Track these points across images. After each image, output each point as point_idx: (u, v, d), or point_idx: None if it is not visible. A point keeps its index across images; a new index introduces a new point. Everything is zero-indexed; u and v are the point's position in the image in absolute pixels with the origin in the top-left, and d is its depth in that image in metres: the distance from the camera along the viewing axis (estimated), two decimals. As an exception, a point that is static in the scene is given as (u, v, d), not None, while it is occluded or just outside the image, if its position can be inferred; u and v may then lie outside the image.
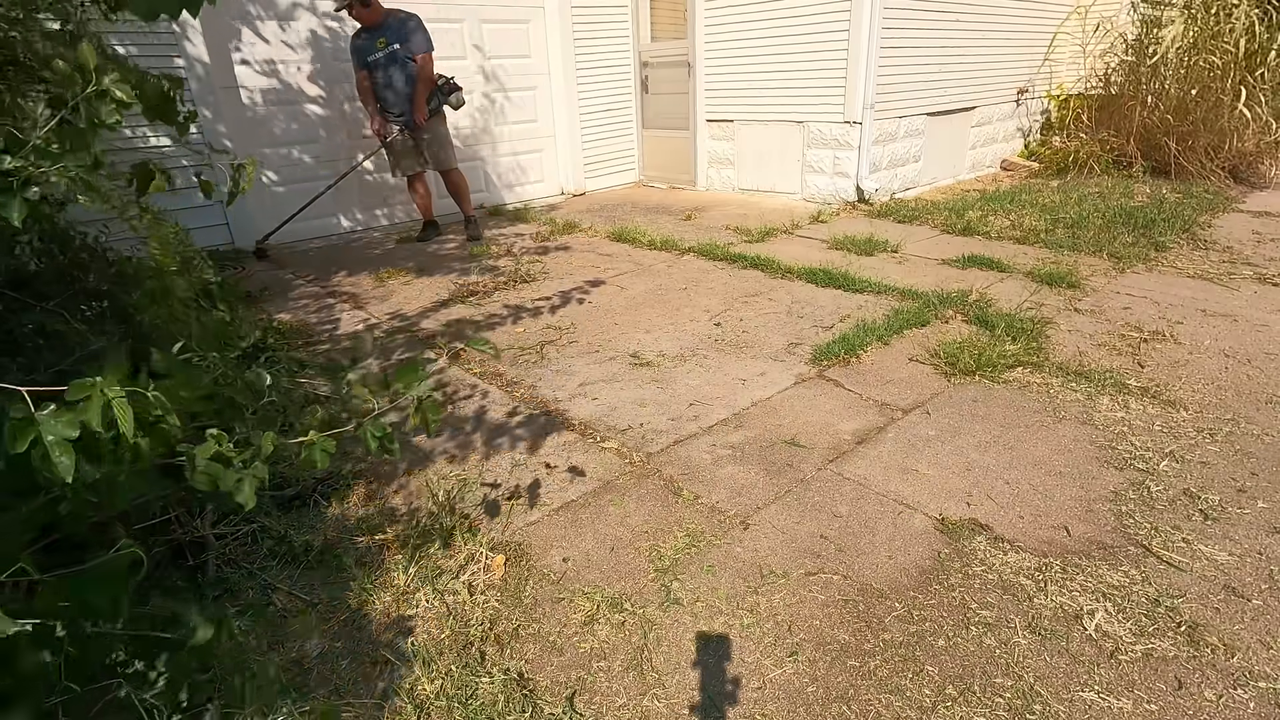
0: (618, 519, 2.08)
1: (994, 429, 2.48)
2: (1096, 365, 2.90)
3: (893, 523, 2.02)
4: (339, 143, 5.53)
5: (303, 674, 1.57)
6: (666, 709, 1.47)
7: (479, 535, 2.01)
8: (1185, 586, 1.75)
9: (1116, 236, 4.69)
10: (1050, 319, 3.39)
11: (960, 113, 6.71)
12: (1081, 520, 2.00)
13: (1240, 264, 4.16)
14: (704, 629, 1.67)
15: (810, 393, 2.80)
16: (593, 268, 4.58)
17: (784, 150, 6.32)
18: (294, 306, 4.06)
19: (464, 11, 5.86)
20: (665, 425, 2.59)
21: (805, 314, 3.62)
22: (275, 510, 2.10)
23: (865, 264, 4.37)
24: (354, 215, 5.82)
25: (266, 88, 5.10)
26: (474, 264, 4.76)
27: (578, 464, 2.38)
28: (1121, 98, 6.77)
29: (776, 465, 2.32)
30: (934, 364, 2.97)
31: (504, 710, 1.46)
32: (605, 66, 6.81)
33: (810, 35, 5.74)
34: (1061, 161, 6.92)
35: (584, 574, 1.86)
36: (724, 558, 1.90)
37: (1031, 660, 1.55)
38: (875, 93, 5.61)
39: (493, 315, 3.79)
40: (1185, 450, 2.31)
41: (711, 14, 6.36)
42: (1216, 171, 6.31)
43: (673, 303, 3.87)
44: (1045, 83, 7.53)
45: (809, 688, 1.51)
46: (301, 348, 3.40)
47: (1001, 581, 1.78)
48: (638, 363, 3.13)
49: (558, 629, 1.69)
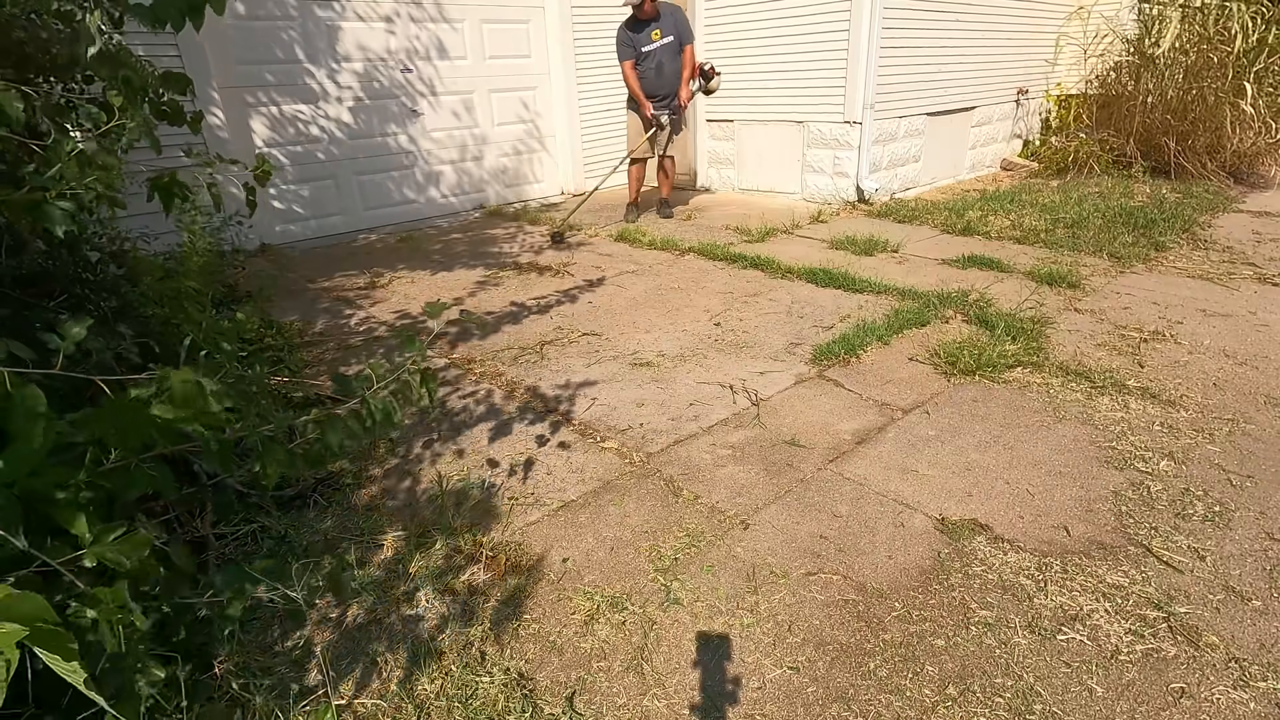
0: (618, 519, 2.08)
1: (994, 429, 2.48)
2: (1096, 365, 2.90)
3: (893, 523, 2.02)
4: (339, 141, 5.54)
5: (302, 674, 1.57)
6: (666, 709, 1.47)
7: (478, 535, 2.01)
8: (1185, 587, 1.75)
9: (1116, 236, 4.69)
10: (1050, 319, 3.39)
11: (960, 113, 6.71)
12: (1081, 520, 2.00)
13: (1240, 264, 4.16)
14: (704, 629, 1.67)
15: (810, 393, 2.80)
16: (593, 267, 4.58)
17: (784, 150, 6.32)
18: (293, 306, 4.05)
19: (464, 11, 5.86)
20: (665, 425, 2.59)
21: (805, 314, 3.62)
22: (275, 510, 2.10)
23: (865, 264, 4.37)
24: (354, 215, 5.82)
25: (267, 85, 5.10)
26: (480, 261, 4.76)
27: (577, 464, 2.38)
28: (1121, 97, 6.78)
29: (776, 465, 2.32)
30: (934, 364, 2.97)
31: (504, 710, 1.46)
32: (605, 66, 6.81)
33: (810, 35, 5.74)
34: (1061, 161, 6.92)
35: (584, 574, 1.86)
36: (724, 557, 1.90)
37: (1031, 660, 1.55)
38: (875, 93, 5.61)
39: (492, 314, 3.79)
40: (1185, 450, 2.31)
41: (711, 14, 6.36)
42: (1216, 171, 6.31)
43: (673, 303, 3.87)
44: (1045, 83, 7.53)
45: (809, 688, 1.51)
46: (302, 347, 3.39)
47: (1001, 581, 1.78)
48: (638, 362, 3.13)
49: (558, 629, 1.69)
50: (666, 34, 5.14)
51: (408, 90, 5.77)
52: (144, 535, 1.00)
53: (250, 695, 1.48)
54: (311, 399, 2.71)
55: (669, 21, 5.14)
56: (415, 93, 5.82)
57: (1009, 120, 7.42)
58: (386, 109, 5.70)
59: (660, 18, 5.13)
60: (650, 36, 5.14)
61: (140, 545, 0.99)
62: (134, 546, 0.99)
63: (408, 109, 5.81)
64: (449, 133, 6.10)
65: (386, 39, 5.54)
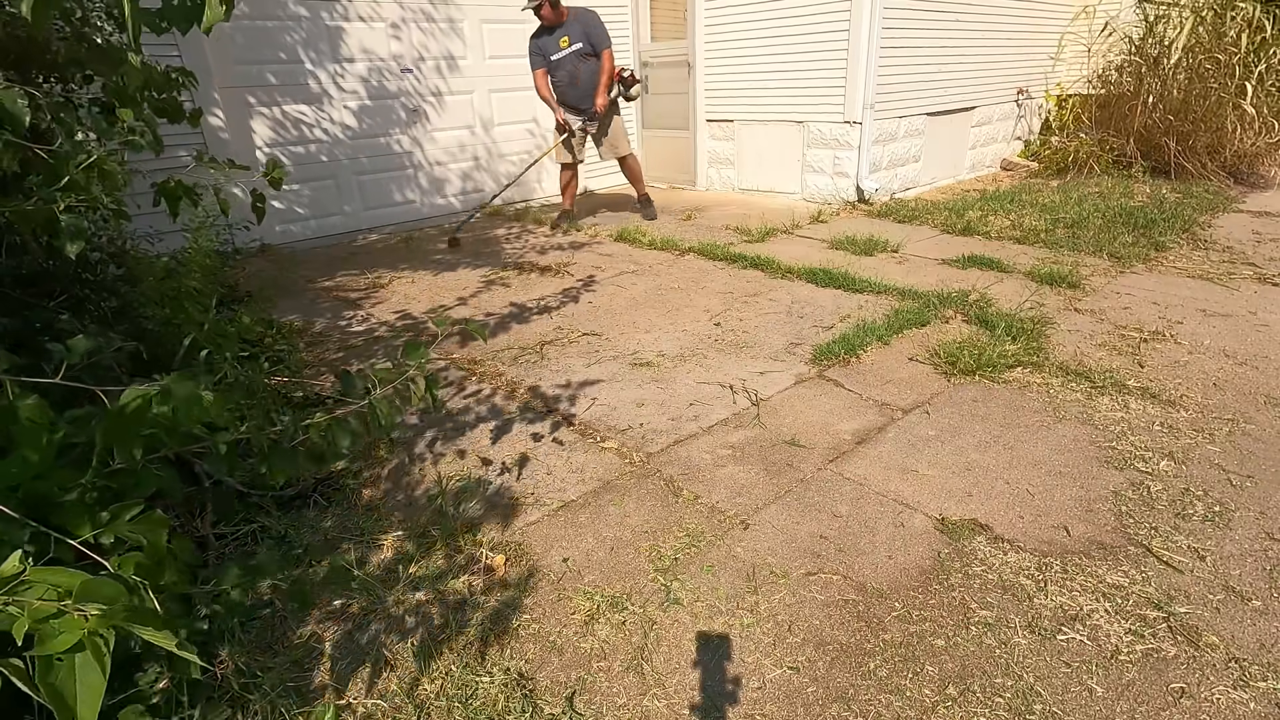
0: (618, 519, 2.09)
1: (994, 429, 2.48)
2: (1096, 365, 2.90)
3: (892, 523, 2.02)
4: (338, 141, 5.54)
5: (302, 674, 1.57)
6: (666, 709, 1.47)
7: (479, 535, 2.01)
8: (1185, 587, 1.75)
9: (1116, 236, 4.69)
10: (1050, 319, 3.39)
11: (960, 113, 6.71)
12: (1081, 520, 2.00)
13: (1240, 264, 4.16)
14: (704, 629, 1.67)
15: (810, 393, 2.80)
16: (593, 267, 4.58)
17: (784, 150, 6.32)
18: (294, 306, 4.06)
19: (464, 12, 5.87)
20: (665, 425, 2.60)
21: (805, 314, 3.62)
22: (275, 510, 2.10)
23: (865, 264, 4.37)
24: (355, 216, 5.82)
25: (268, 85, 5.10)
26: (484, 261, 4.76)
27: (577, 464, 2.38)
28: (1122, 97, 6.77)
29: (776, 465, 2.32)
30: (934, 364, 2.97)
31: (504, 710, 1.47)
32: (605, 66, 6.82)
33: (810, 35, 5.74)
34: (1061, 161, 6.92)
35: (584, 574, 1.86)
36: (724, 557, 1.90)
37: (1031, 660, 1.55)
38: (875, 93, 5.61)
39: (492, 314, 3.79)
40: (1185, 450, 2.31)
41: (711, 14, 6.36)
42: (1216, 171, 6.31)
43: (673, 302, 3.87)
44: (1045, 83, 7.53)
45: (809, 688, 1.51)
46: (303, 346, 3.40)
47: (1001, 581, 1.78)
48: (638, 362, 3.13)
49: (558, 629, 1.69)
50: (575, 40, 5.00)
51: (409, 91, 5.78)
52: (161, 515, 1.00)
53: (250, 695, 1.48)
54: (312, 398, 2.71)
55: (576, 28, 5.00)
56: (416, 93, 5.82)
57: (1009, 120, 7.42)
58: (387, 109, 5.70)
59: (567, 24, 5.00)
60: (559, 44, 5.02)
61: (158, 525, 0.99)
62: (151, 526, 0.99)
63: (409, 109, 5.81)
64: (450, 133, 6.11)
65: (388, 40, 5.54)
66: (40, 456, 0.92)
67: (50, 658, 0.68)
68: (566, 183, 5.69)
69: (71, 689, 0.69)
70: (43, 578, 0.75)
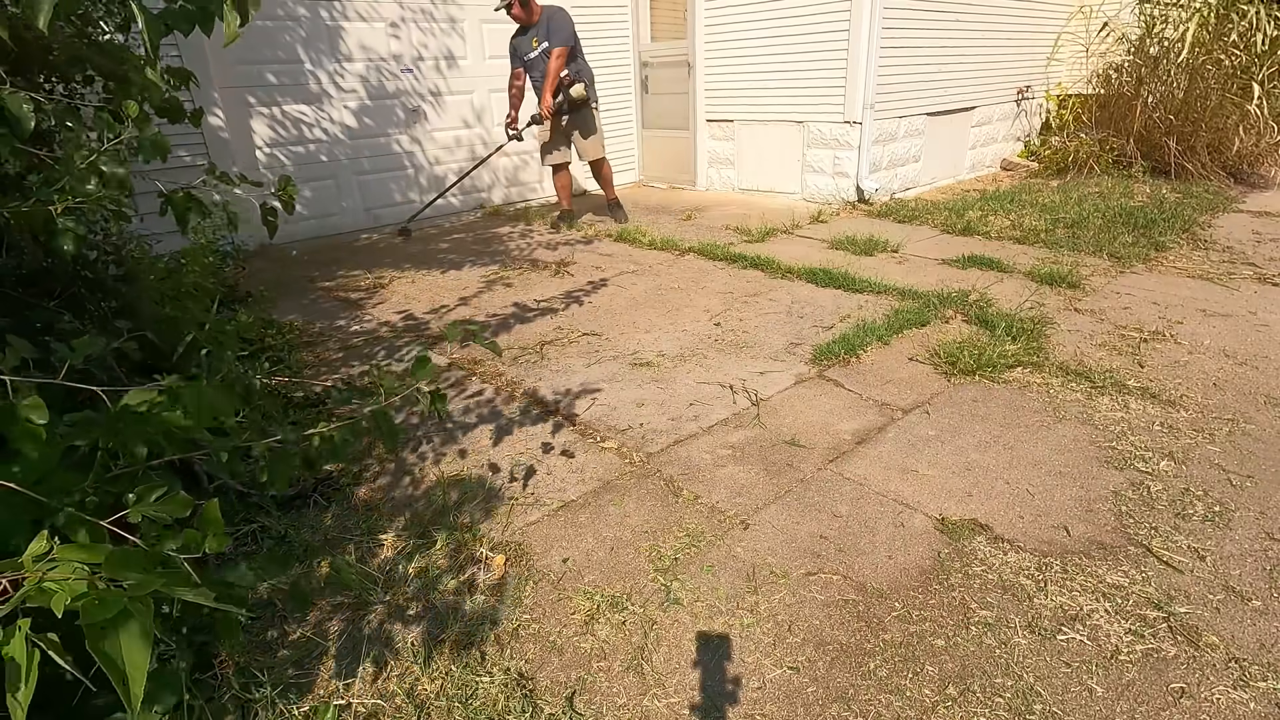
0: (618, 519, 2.09)
1: (994, 429, 2.48)
2: (1096, 365, 2.91)
3: (892, 523, 2.02)
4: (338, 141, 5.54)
5: (303, 673, 1.57)
6: (666, 709, 1.47)
7: (479, 535, 2.01)
8: (1185, 587, 1.75)
9: (1116, 236, 4.69)
10: (1050, 319, 3.39)
11: (960, 113, 6.71)
12: (1081, 520, 2.00)
13: (1240, 264, 4.16)
14: (704, 629, 1.67)
15: (810, 393, 2.80)
16: (593, 267, 4.58)
17: (784, 150, 6.32)
18: (294, 306, 4.06)
19: (464, 12, 5.86)
20: (665, 425, 2.60)
21: (805, 314, 3.62)
22: (275, 510, 2.10)
23: (865, 264, 4.37)
24: (356, 215, 5.82)
25: (268, 85, 5.10)
26: (482, 259, 4.76)
27: (577, 464, 2.38)
28: (1122, 97, 6.77)
29: (776, 465, 2.32)
30: (934, 364, 2.97)
31: (504, 710, 1.47)
32: (605, 66, 6.80)
33: (810, 35, 5.74)
34: (1061, 161, 6.92)
35: (584, 574, 1.87)
36: (724, 557, 1.90)
37: (1031, 660, 1.55)
38: (875, 93, 5.61)
39: (492, 314, 3.80)
40: (1185, 450, 2.31)
41: (711, 14, 6.36)
42: (1217, 171, 6.31)
43: (673, 303, 3.87)
44: (1045, 83, 7.53)
45: (809, 688, 1.51)
46: (303, 346, 3.40)
47: (1001, 581, 1.78)
48: (638, 362, 3.13)
49: (558, 629, 1.69)
50: (543, 40, 4.91)
51: (409, 91, 5.77)
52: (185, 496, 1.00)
53: (251, 694, 1.48)
54: (311, 399, 2.71)
55: (543, 27, 4.89)
56: (416, 93, 5.82)
57: (1009, 120, 7.42)
58: (387, 109, 5.70)
59: (538, 24, 4.89)
60: (531, 44, 4.95)
61: (182, 505, 0.99)
62: (176, 506, 0.99)
63: (408, 109, 5.81)
64: (450, 133, 6.11)
65: (388, 39, 5.54)
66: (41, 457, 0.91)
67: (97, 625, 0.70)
68: (563, 184, 5.67)
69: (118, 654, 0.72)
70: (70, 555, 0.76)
